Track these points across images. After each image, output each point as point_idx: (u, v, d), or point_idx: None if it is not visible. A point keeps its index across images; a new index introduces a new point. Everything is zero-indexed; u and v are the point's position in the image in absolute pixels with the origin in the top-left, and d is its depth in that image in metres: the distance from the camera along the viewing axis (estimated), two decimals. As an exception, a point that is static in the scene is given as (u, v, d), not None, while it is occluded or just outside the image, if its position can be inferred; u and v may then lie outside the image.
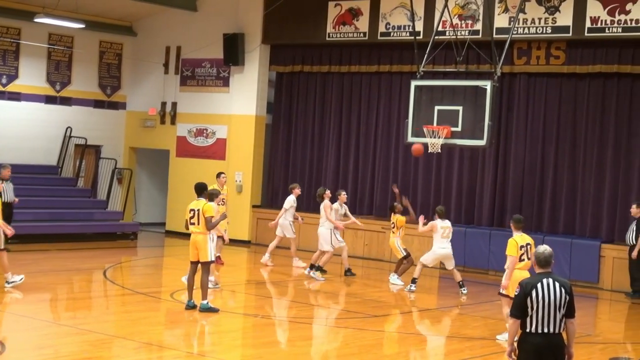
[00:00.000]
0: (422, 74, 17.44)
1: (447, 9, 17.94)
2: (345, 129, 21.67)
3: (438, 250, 15.98)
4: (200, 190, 13.23)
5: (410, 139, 17.39)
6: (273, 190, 22.75)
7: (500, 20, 18.63)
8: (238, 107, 22.57)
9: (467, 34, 18.47)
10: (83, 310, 13.40)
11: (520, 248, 11.90)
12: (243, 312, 14.32)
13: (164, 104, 23.93)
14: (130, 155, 24.71)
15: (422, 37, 18.89)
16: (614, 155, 18.22)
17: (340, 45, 21.35)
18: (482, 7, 18.78)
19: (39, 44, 22.20)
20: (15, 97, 22.13)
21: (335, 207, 17.38)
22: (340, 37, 21.03)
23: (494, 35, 17.65)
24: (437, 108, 17.01)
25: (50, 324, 12.24)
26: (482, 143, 16.62)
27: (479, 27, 18.93)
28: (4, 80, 21.89)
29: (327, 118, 21.99)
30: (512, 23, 18.01)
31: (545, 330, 7.40)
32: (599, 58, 18.13)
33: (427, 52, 17.39)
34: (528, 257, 11.97)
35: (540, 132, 19.06)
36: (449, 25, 18.35)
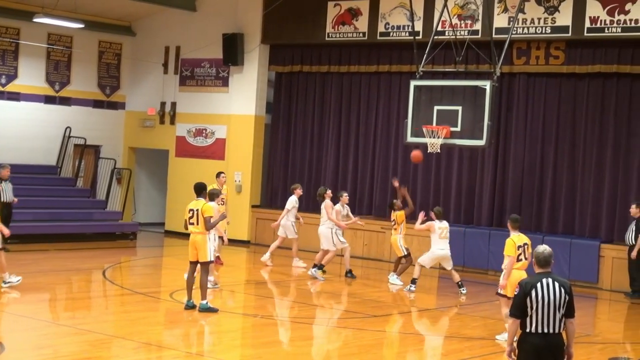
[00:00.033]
0: (421, 74, 17.44)
1: (446, 9, 17.93)
2: (345, 129, 21.66)
3: (436, 252, 15.98)
4: (200, 190, 13.21)
5: (410, 139, 17.39)
6: (272, 190, 22.75)
7: (500, 20, 18.63)
8: (237, 107, 22.57)
9: (466, 34, 18.47)
10: (82, 310, 13.39)
11: (518, 248, 11.91)
12: (242, 312, 14.32)
13: (163, 104, 23.92)
14: (130, 155, 24.70)
15: (421, 37, 18.89)
16: (614, 155, 18.22)
17: (340, 45, 21.35)
18: (481, 7, 18.78)
19: (38, 44, 22.20)
20: (15, 97, 22.13)
21: (338, 208, 17.35)
22: (340, 37, 21.03)
23: (494, 35, 17.65)
24: (436, 108, 17.00)
25: (50, 324, 12.24)
26: (481, 143, 16.61)
27: (479, 27, 18.93)
28: (3, 80, 21.88)
29: (326, 118, 21.98)
30: (511, 23, 18.01)
31: (545, 330, 7.39)
32: (599, 58, 18.13)
33: (426, 52, 17.39)
34: (525, 257, 11.98)
35: (540, 132, 19.06)
36: (449, 25, 18.34)
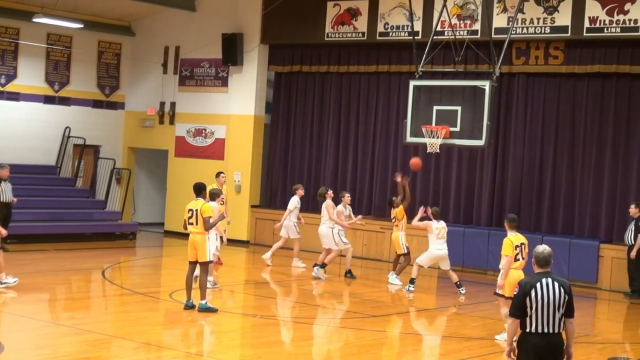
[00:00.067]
0: (420, 74, 17.44)
1: (445, 9, 17.94)
2: (344, 129, 21.67)
3: (434, 252, 15.99)
4: (199, 190, 13.21)
5: (409, 139, 17.40)
6: (272, 190, 22.75)
7: (499, 20, 18.63)
8: (237, 107, 22.57)
9: (465, 34, 18.47)
10: (82, 310, 13.39)
11: (515, 248, 11.92)
12: (242, 312, 14.32)
13: (163, 104, 23.92)
14: (129, 155, 24.70)
15: (420, 37, 18.88)
16: (613, 155, 18.22)
17: (339, 45, 21.35)
18: (480, 7, 18.79)
19: (38, 44, 22.20)
20: (14, 97, 22.12)
21: (340, 209, 17.35)
22: (339, 37, 21.03)
23: (493, 35, 17.66)
24: (435, 108, 17.00)
25: (49, 324, 12.24)
26: (480, 143, 16.62)
27: (478, 27, 18.93)
28: (3, 80, 21.88)
29: (325, 118, 21.98)
30: (510, 23, 18.02)
31: (545, 330, 7.39)
32: (598, 58, 18.13)
33: (425, 52, 17.40)
34: (523, 256, 11.99)
35: (539, 132, 19.06)
36: (448, 25, 18.34)
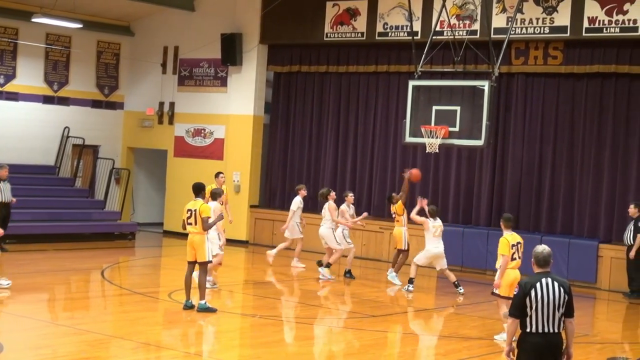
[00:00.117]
0: (419, 74, 17.44)
1: (444, 9, 17.93)
2: (343, 129, 21.67)
3: (431, 250, 16.01)
4: (198, 191, 13.20)
5: (408, 139, 17.39)
6: (271, 191, 22.75)
7: (498, 21, 18.63)
8: (236, 107, 22.57)
9: (464, 34, 18.47)
10: (81, 311, 13.39)
11: (512, 247, 11.94)
12: (241, 312, 14.32)
13: (162, 104, 23.92)
14: (128, 155, 24.69)
15: (419, 37, 18.88)
16: (612, 156, 18.23)
17: (338, 45, 21.35)
18: (479, 7, 18.79)
19: (37, 44, 22.19)
20: (13, 97, 22.12)
21: (344, 208, 17.35)
22: (338, 37, 21.03)
23: (492, 36, 17.66)
24: (434, 108, 17.00)
25: (48, 324, 12.24)
26: (479, 143, 16.62)
27: (477, 27, 18.93)
28: (2, 80, 21.88)
29: (325, 118, 21.98)
30: (509, 23, 18.01)
31: (545, 330, 7.39)
32: (597, 58, 18.13)
33: (424, 52, 17.39)
34: (519, 255, 12.01)
35: (538, 132, 19.07)
36: (447, 26, 18.34)
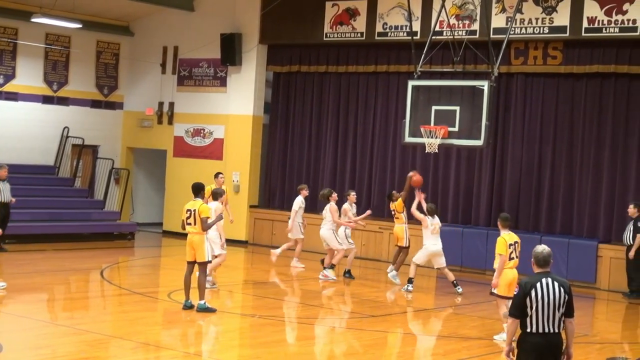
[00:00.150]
0: (419, 74, 17.42)
1: (444, 9, 17.93)
2: (343, 129, 21.66)
3: (430, 247, 16.02)
4: (197, 191, 13.21)
5: (408, 139, 17.37)
6: (270, 191, 22.75)
7: (498, 21, 18.63)
8: (235, 107, 22.57)
9: (464, 34, 18.46)
10: (80, 311, 13.39)
11: (509, 246, 11.94)
12: (240, 312, 14.32)
13: (161, 104, 23.91)
14: (128, 155, 24.69)
15: (419, 37, 18.86)
16: (611, 155, 18.23)
17: (338, 45, 21.34)
18: (479, 7, 18.79)
19: (36, 44, 22.19)
20: (13, 97, 22.12)
21: (347, 207, 17.34)
22: (338, 37, 21.03)
23: (491, 36, 17.64)
24: (434, 108, 16.98)
25: (48, 324, 12.23)
26: (479, 143, 16.60)
27: (476, 27, 18.93)
28: (1, 80, 21.87)
29: (324, 118, 21.98)
30: (509, 23, 18.01)
31: (545, 330, 7.39)
32: (596, 58, 18.14)
33: (424, 52, 17.38)
34: (516, 255, 12.01)
35: (538, 132, 19.07)
36: (446, 26, 18.33)
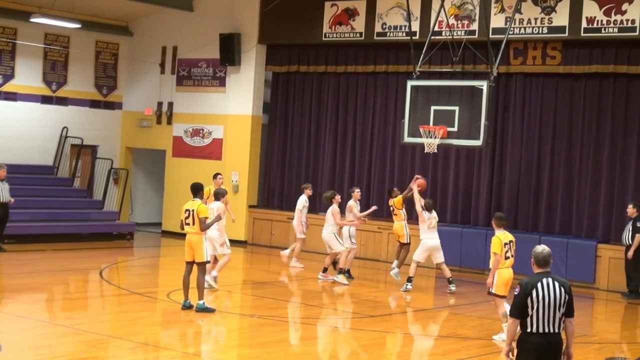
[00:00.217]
0: (418, 74, 17.42)
1: (443, 9, 17.93)
2: (342, 129, 21.67)
3: (427, 242, 16.02)
4: (196, 191, 13.21)
5: (407, 139, 17.37)
6: (269, 191, 22.75)
7: (497, 21, 18.64)
8: (234, 107, 22.57)
9: (463, 34, 18.47)
10: (79, 311, 13.39)
11: (504, 245, 11.95)
12: (239, 312, 14.32)
13: (160, 104, 23.91)
14: (127, 155, 24.69)
15: (418, 37, 18.86)
16: (610, 156, 18.23)
17: (337, 45, 21.35)
18: (478, 7, 18.79)
19: (35, 44, 22.18)
20: (12, 97, 22.11)
21: (351, 203, 17.30)
22: (337, 37, 21.03)
23: (490, 36, 17.63)
24: (433, 108, 16.98)
25: (47, 324, 12.23)
26: (478, 143, 16.61)
27: (475, 27, 18.94)
28: (0, 80, 21.86)
29: (323, 118, 21.98)
30: (508, 23, 18.01)
31: (546, 330, 7.39)
32: (595, 58, 18.14)
33: (423, 52, 17.37)
34: (512, 254, 12.02)
35: (537, 132, 19.07)
36: (445, 26, 18.33)
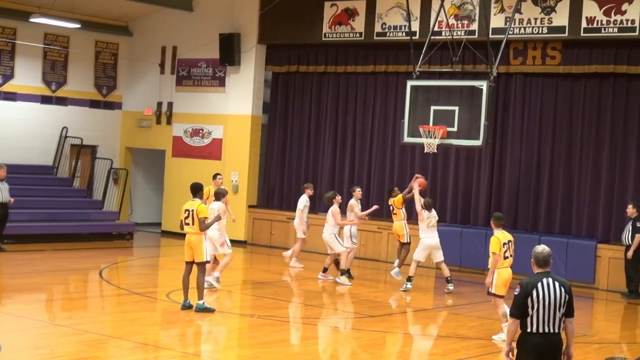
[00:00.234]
0: (418, 74, 17.42)
1: (443, 9, 17.92)
2: (341, 129, 21.66)
3: (426, 240, 16.02)
4: (196, 191, 13.21)
5: (407, 139, 17.37)
6: (269, 191, 22.75)
7: (496, 21, 18.64)
8: (234, 107, 22.57)
9: (463, 34, 18.47)
10: (79, 311, 13.39)
11: (503, 245, 11.95)
12: (239, 312, 14.32)
13: (160, 104, 23.91)
14: (126, 155, 24.68)
15: (418, 37, 18.85)
16: (610, 156, 18.23)
17: (336, 45, 21.34)
18: (478, 7, 18.79)
19: (35, 44, 22.17)
20: (11, 97, 22.11)
21: (353, 203, 17.29)
22: (336, 37, 21.03)
23: (490, 36, 17.63)
24: (433, 108, 16.97)
25: (47, 324, 12.22)
26: (478, 143, 16.60)
27: (475, 27, 18.94)
28: (0, 80, 21.86)
29: (323, 118, 21.98)
30: (508, 23, 18.01)
31: (546, 330, 7.39)
32: (595, 58, 18.14)
33: (423, 52, 17.37)
34: (510, 254, 12.03)
35: (536, 132, 19.07)
36: (445, 26, 18.32)
